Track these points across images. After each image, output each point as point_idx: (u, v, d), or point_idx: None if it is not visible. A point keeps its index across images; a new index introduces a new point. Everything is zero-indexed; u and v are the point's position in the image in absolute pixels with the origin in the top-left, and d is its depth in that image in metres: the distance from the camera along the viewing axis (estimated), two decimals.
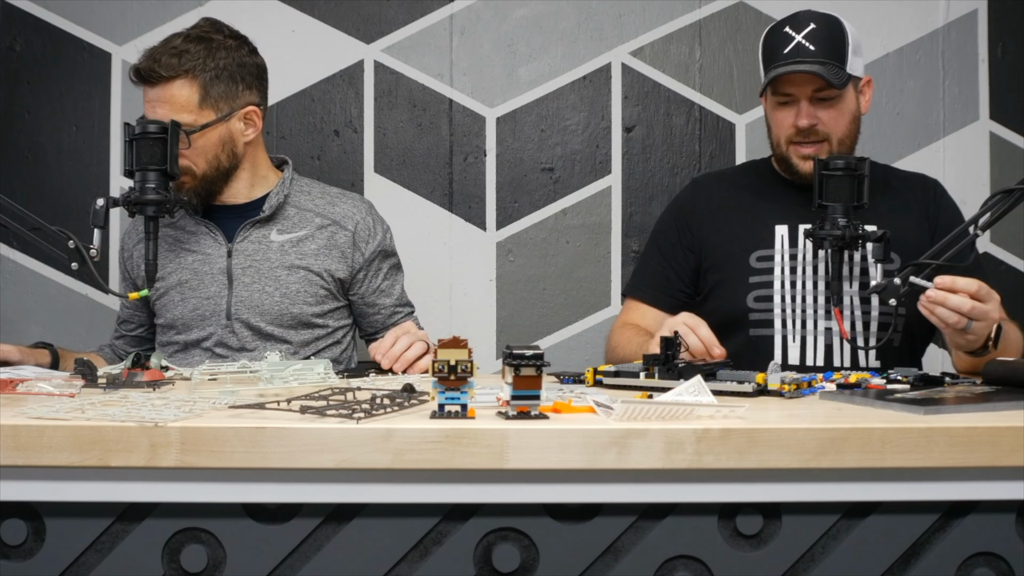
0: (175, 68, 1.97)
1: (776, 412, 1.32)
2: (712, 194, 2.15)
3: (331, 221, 2.13)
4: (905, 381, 1.61)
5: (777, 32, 2.01)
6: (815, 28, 1.96)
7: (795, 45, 1.96)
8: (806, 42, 1.96)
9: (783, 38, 1.98)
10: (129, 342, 2.23)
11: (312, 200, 2.15)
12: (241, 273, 2.07)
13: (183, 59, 1.97)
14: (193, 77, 1.98)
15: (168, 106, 1.98)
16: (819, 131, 1.98)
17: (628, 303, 2.19)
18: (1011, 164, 2.66)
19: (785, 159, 2.04)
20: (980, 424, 1.20)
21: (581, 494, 1.20)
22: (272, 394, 1.44)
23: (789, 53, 1.96)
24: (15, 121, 2.65)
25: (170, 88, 1.98)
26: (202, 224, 2.11)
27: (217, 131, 2.02)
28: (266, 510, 1.21)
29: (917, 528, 1.23)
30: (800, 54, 1.95)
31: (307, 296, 2.08)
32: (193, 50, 1.99)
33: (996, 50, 2.69)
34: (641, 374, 1.55)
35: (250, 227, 2.09)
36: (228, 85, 2.02)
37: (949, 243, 1.76)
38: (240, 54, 2.06)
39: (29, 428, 1.16)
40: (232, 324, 2.07)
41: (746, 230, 2.06)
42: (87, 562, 1.20)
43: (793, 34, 1.97)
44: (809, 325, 1.98)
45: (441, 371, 1.23)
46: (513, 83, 2.68)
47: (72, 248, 1.65)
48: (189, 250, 2.10)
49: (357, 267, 2.13)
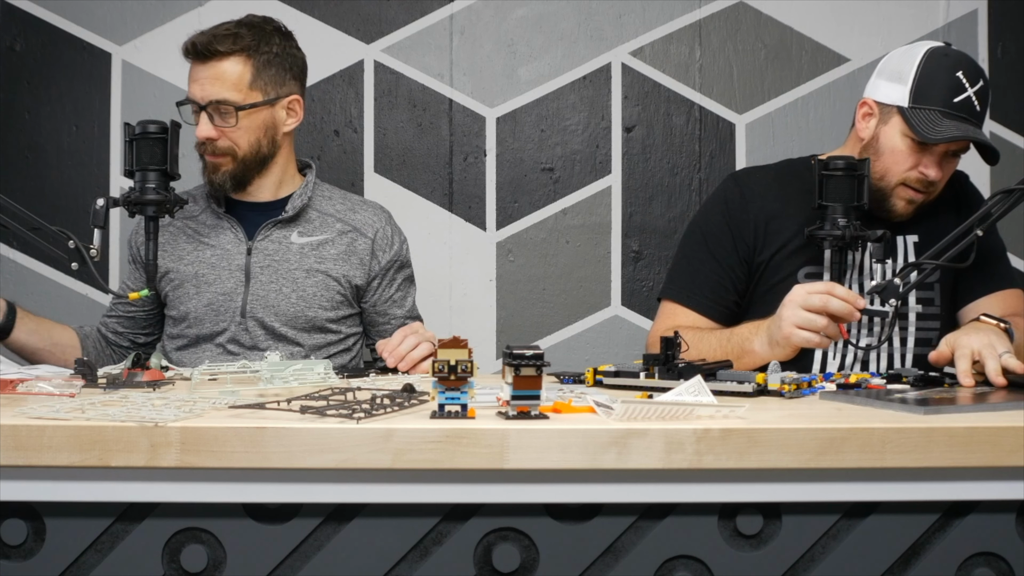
0: (231, 45, 2.01)
1: (776, 412, 1.32)
2: (762, 199, 2.03)
3: (352, 227, 2.13)
4: (905, 381, 1.62)
5: (947, 70, 1.87)
6: (983, 87, 1.87)
7: (966, 99, 1.85)
8: (976, 101, 1.86)
9: (955, 84, 1.86)
10: (121, 322, 2.16)
11: (333, 205, 2.16)
12: (259, 272, 2.08)
13: (238, 40, 2.02)
14: (247, 57, 2.03)
15: (220, 83, 2.01)
16: (937, 185, 1.92)
17: (672, 308, 2.05)
18: (1011, 164, 2.66)
19: (885, 194, 1.92)
20: (980, 424, 1.20)
21: (581, 494, 1.20)
22: (272, 394, 1.44)
23: (959, 106, 1.85)
24: (15, 121, 2.65)
25: (223, 64, 2.01)
26: (224, 219, 2.11)
27: (262, 114, 2.05)
28: (266, 510, 1.21)
29: (917, 528, 1.23)
30: (969, 112, 1.86)
31: (323, 300, 2.08)
32: (247, 34, 2.04)
33: (996, 50, 2.69)
34: (641, 374, 1.55)
35: (272, 226, 2.10)
36: (278, 71, 2.07)
37: (950, 243, 1.76)
38: (290, 44, 2.11)
39: (29, 428, 1.16)
40: (246, 322, 2.06)
41: (796, 244, 1.96)
42: (87, 562, 1.20)
43: (967, 85, 1.85)
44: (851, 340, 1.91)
45: (441, 371, 1.23)
46: (513, 83, 2.68)
47: (72, 248, 1.65)
48: (208, 244, 2.10)
49: (373, 275, 2.13)
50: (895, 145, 1.90)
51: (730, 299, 2.02)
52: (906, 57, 1.92)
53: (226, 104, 2.00)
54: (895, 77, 1.91)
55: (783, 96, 2.68)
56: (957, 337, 1.65)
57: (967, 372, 1.58)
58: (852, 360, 1.95)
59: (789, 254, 1.97)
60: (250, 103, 2.02)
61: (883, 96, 1.93)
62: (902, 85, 1.89)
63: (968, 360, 1.59)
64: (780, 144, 2.65)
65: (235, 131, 2.02)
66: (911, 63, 1.89)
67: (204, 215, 2.13)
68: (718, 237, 2.03)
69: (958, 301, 2.00)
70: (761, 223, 2.00)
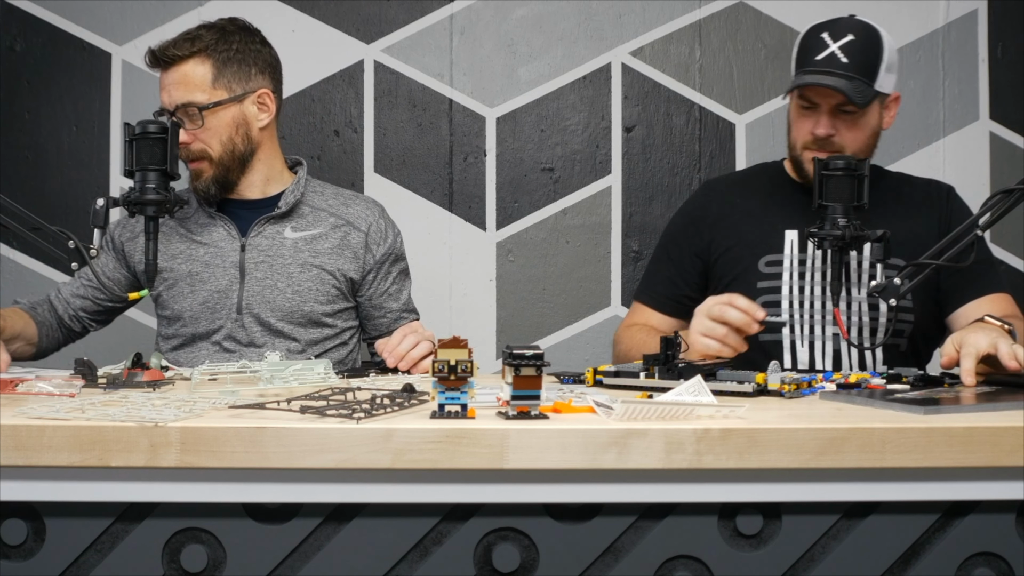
0: (188, 48, 2.02)
1: (776, 412, 1.32)
2: (723, 198, 2.14)
3: (345, 221, 2.14)
4: (905, 381, 1.62)
5: (814, 35, 1.98)
6: (852, 40, 1.94)
7: (829, 54, 1.94)
8: (840, 53, 1.94)
9: (818, 43, 1.96)
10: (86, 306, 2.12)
11: (326, 200, 2.17)
12: (254, 268, 2.08)
13: (196, 42, 2.03)
14: (206, 56, 2.03)
15: (182, 87, 2.01)
16: (835, 142, 1.98)
17: (635, 306, 2.19)
18: (1011, 164, 2.66)
19: (799, 162, 2.04)
20: (980, 424, 1.20)
21: (581, 494, 1.20)
22: (272, 394, 1.44)
23: (821, 61, 1.94)
24: (15, 121, 2.65)
25: (183, 67, 2.02)
26: (216, 217, 2.11)
27: (230, 111, 2.04)
28: (266, 510, 1.21)
29: (917, 528, 1.23)
30: (832, 64, 1.93)
31: (318, 294, 2.09)
32: (207, 35, 2.04)
33: (996, 50, 2.69)
34: (641, 374, 1.55)
35: (264, 222, 2.10)
36: (240, 67, 2.06)
37: (950, 243, 1.76)
38: (253, 41, 2.10)
39: (29, 428, 1.16)
40: (242, 318, 2.06)
41: (756, 234, 2.05)
42: (87, 562, 1.20)
43: (829, 42, 1.95)
44: (817, 331, 1.98)
45: (441, 371, 1.23)
46: (513, 83, 2.68)
47: (72, 248, 1.65)
48: (200, 242, 2.10)
49: (368, 268, 2.14)
50: (793, 116, 2.05)
51: (682, 294, 2.11)
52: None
53: (191, 106, 2.01)
54: None
55: None
56: (963, 336, 1.65)
57: (970, 372, 1.59)
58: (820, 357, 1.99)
59: (751, 246, 2.04)
60: (214, 101, 2.02)
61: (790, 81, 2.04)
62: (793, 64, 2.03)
63: (973, 359, 1.59)
64: (780, 144, 2.64)
65: (204, 132, 2.02)
66: (797, 43, 2.03)
67: (197, 215, 2.13)
68: (676, 238, 2.16)
69: (946, 306, 2.03)
70: (719, 219, 2.10)
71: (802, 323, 1.98)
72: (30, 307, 2.11)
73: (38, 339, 2.07)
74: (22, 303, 2.12)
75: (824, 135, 1.97)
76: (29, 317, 2.06)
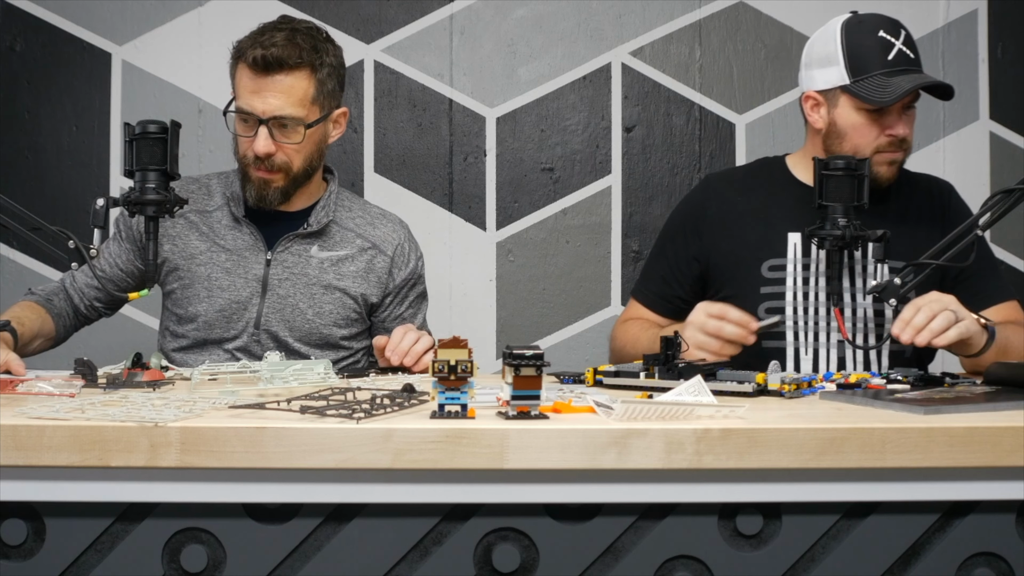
0: (298, 58, 1.91)
1: (776, 412, 1.32)
2: (724, 197, 2.07)
3: (371, 244, 2.08)
4: (905, 381, 1.62)
5: (869, 35, 1.90)
6: (907, 35, 1.91)
7: (898, 53, 1.89)
8: (907, 49, 1.90)
9: (883, 44, 1.89)
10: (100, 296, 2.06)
11: (353, 219, 2.10)
12: (277, 284, 2.02)
13: (304, 52, 1.92)
14: (312, 71, 1.94)
15: (285, 97, 1.92)
16: (908, 140, 1.95)
17: (631, 303, 2.16)
18: (1011, 164, 2.67)
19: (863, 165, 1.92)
20: (980, 424, 1.20)
21: (581, 494, 1.20)
22: (272, 394, 1.44)
23: (896, 61, 1.89)
24: (15, 121, 2.65)
25: (290, 78, 1.92)
26: (242, 222, 2.04)
27: (320, 130, 1.99)
28: (266, 510, 1.21)
29: (917, 528, 1.23)
30: (907, 62, 1.89)
31: (338, 318, 2.04)
32: (305, 44, 1.93)
33: (996, 50, 2.69)
34: (641, 374, 1.55)
35: (292, 238, 2.03)
36: (334, 83, 2.00)
37: (950, 243, 1.75)
38: (338, 52, 2.03)
39: (29, 428, 1.16)
40: (259, 333, 2.01)
41: (758, 237, 2.00)
42: (87, 562, 1.20)
43: (892, 40, 1.89)
44: (822, 337, 1.94)
45: (441, 371, 1.23)
46: (513, 83, 2.68)
47: (72, 248, 1.65)
48: (223, 247, 2.03)
49: (387, 292, 2.09)
50: (854, 121, 1.93)
51: (675, 295, 2.08)
52: (826, 40, 1.96)
53: (292, 120, 1.92)
54: (824, 62, 1.96)
55: (783, 96, 2.69)
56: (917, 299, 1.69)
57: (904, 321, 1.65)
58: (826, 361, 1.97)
59: (753, 250, 2.00)
60: (314, 120, 1.95)
61: (822, 83, 1.96)
62: (835, 66, 1.93)
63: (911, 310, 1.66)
64: (780, 144, 2.65)
65: (294, 148, 1.95)
66: (834, 43, 1.94)
67: (220, 213, 2.06)
68: (673, 237, 2.11)
69: None
70: (720, 220, 2.05)
71: (806, 330, 1.95)
72: (45, 299, 2.04)
73: (55, 333, 2.01)
74: (36, 294, 2.05)
75: (904, 135, 1.93)
76: (44, 311, 2.00)
